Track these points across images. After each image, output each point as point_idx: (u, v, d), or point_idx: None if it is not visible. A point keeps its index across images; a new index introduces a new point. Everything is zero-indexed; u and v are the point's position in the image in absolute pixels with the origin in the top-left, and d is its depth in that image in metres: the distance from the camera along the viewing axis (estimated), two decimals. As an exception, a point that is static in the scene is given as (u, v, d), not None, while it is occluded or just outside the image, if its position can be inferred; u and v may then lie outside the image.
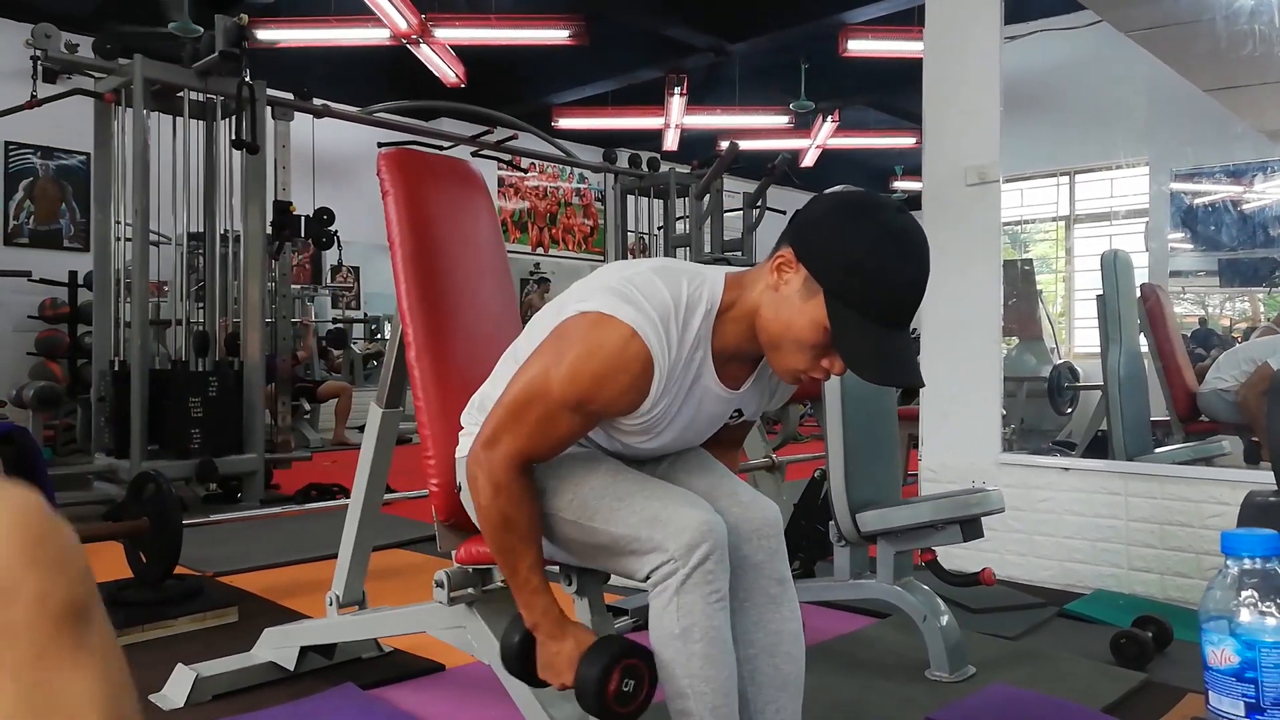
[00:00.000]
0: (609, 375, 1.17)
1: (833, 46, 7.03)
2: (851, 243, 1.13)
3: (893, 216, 1.15)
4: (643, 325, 1.16)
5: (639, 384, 1.18)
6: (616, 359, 1.16)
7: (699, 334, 1.21)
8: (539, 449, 1.24)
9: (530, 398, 1.21)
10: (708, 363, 1.24)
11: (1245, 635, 0.71)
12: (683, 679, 1.16)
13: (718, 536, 1.17)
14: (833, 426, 2.19)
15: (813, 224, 1.17)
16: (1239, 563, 0.74)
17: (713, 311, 1.22)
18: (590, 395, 1.18)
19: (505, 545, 1.25)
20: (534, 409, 1.21)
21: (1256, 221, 4.89)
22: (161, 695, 1.92)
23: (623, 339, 1.16)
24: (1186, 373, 3.84)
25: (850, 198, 1.18)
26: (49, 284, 6.21)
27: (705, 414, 1.31)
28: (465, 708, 1.90)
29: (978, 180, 3.05)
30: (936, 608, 2.07)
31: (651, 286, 1.19)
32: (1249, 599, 0.73)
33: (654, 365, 1.18)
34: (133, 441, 4.05)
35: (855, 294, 1.12)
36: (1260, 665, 0.69)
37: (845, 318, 1.12)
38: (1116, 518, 2.76)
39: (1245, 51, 3.46)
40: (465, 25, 6.67)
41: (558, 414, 1.20)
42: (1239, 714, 0.72)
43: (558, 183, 10.56)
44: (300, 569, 3.10)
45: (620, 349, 1.16)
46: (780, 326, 1.17)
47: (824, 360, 1.17)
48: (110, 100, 4.36)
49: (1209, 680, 0.76)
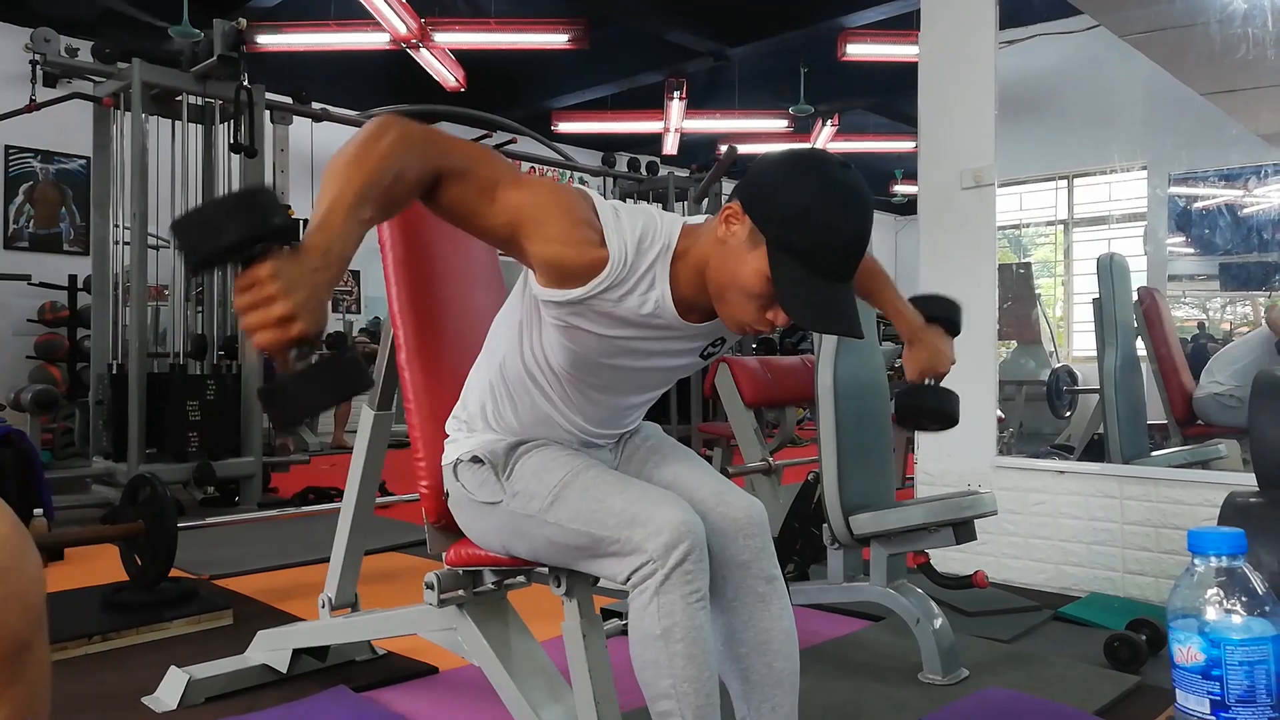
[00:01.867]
0: (563, 219, 1.15)
1: (832, 51, 7.04)
2: (794, 195, 1.15)
3: (836, 171, 1.16)
4: (612, 225, 1.19)
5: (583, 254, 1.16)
6: (580, 217, 1.17)
7: (654, 267, 1.22)
8: (455, 188, 1.13)
9: (498, 164, 1.16)
10: (667, 302, 1.23)
11: (1211, 633, 0.72)
12: (665, 680, 1.16)
13: (696, 536, 1.17)
14: (826, 429, 2.19)
15: (759, 177, 1.19)
16: (1205, 561, 0.75)
17: (668, 251, 1.23)
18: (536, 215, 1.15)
19: (357, 160, 1.03)
20: (492, 170, 1.15)
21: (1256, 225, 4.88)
22: (154, 698, 1.93)
23: (592, 217, 1.19)
24: (1183, 376, 3.84)
25: (796, 153, 1.20)
26: (49, 288, 6.23)
27: (669, 348, 1.30)
28: (458, 710, 1.90)
29: (974, 183, 3.05)
30: (930, 611, 2.07)
31: (614, 208, 1.22)
32: (1215, 597, 0.73)
33: (607, 256, 1.17)
34: (130, 444, 4.06)
35: (796, 244, 1.14)
36: (1225, 663, 0.70)
37: (786, 268, 1.14)
38: (1112, 521, 2.76)
39: (1239, 55, 3.46)
40: (465, 29, 6.69)
41: (500, 197, 1.14)
42: (1205, 711, 0.72)
43: (558, 186, 10.57)
44: (296, 572, 3.10)
45: (588, 218, 1.18)
46: (726, 276, 1.19)
47: (768, 311, 1.19)
48: (109, 104, 4.38)
49: (1176, 678, 0.76)
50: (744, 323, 1.21)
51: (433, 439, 1.53)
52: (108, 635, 2.29)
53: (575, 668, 1.36)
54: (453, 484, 1.42)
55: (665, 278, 1.22)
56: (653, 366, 1.32)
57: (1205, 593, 0.75)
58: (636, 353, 1.28)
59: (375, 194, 1.03)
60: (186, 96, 4.36)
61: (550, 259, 1.16)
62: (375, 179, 1.03)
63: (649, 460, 1.44)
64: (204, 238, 0.94)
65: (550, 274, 1.18)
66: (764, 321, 1.20)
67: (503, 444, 1.37)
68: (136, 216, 4.21)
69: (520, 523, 1.31)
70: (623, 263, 1.18)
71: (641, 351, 1.28)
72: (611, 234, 1.18)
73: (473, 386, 1.44)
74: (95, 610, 2.46)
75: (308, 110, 5.20)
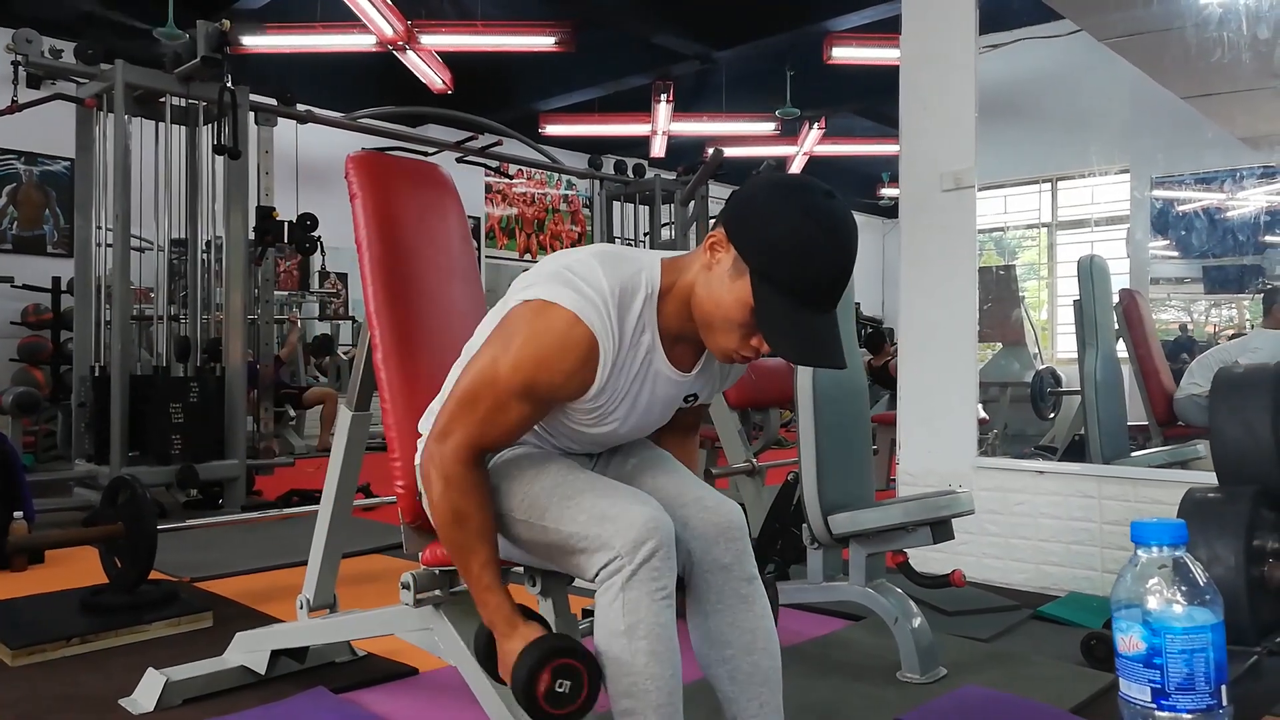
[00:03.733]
0: (554, 359, 1.18)
1: (818, 54, 7.06)
2: (776, 223, 1.15)
3: (820, 200, 1.16)
4: (584, 309, 1.18)
5: (585, 366, 1.20)
6: (561, 343, 1.18)
7: (642, 317, 1.23)
8: (490, 438, 1.25)
9: (479, 387, 1.23)
10: (657, 347, 1.25)
11: (1153, 622, 0.73)
12: (627, 677, 1.16)
13: (664, 534, 1.18)
14: (805, 430, 2.20)
15: (743, 205, 1.19)
16: (1148, 551, 0.76)
17: (653, 295, 1.24)
18: (537, 380, 1.20)
19: (458, 541, 1.24)
20: (483, 399, 1.22)
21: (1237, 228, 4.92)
22: (131, 700, 1.92)
23: (566, 324, 1.18)
24: (1164, 377, 3.87)
25: (780, 181, 1.20)
26: (32, 290, 6.19)
27: (660, 397, 1.31)
28: (437, 712, 1.90)
29: (954, 185, 3.07)
30: (908, 610, 2.08)
31: (592, 272, 1.21)
32: (1157, 586, 0.74)
33: (598, 347, 1.19)
34: (113, 447, 4.04)
35: (778, 274, 1.14)
36: (1166, 651, 0.71)
37: (768, 297, 1.15)
38: (1090, 520, 2.78)
39: (1215, 58, 3.50)
40: (452, 32, 6.68)
41: (507, 402, 1.21)
42: (1146, 699, 0.73)
43: (545, 189, 10.58)
44: (278, 574, 3.09)
45: (564, 334, 1.18)
46: (711, 305, 1.20)
47: (752, 339, 1.20)
48: (92, 105, 4.35)
49: (1120, 667, 0.77)
50: (729, 350, 1.22)
51: (409, 439, 1.53)
52: (86, 637, 2.28)
53: (550, 667, 1.36)
54: (426, 483, 1.42)
55: (654, 321, 1.24)
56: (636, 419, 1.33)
57: (1148, 583, 0.76)
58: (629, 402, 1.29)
59: (471, 548, 1.24)
60: (170, 98, 4.34)
61: (569, 394, 1.23)
62: (457, 546, 1.25)
63: (628, 464, 1.45)
64: None
65: (573, 398, 1.25)
66: (749, 349, 1.20)
67: (477, 443, 1.38)
68: (119, 218, 4.18)
69: (492, 521, 1.32)
70: (611, 336, 1.20)
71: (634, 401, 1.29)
72: (591, 321, 1.18)
73: (448, 384, 1.44)
74: (74, 613, 2.45)
75: (292, 112, 5.19)
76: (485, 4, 6.65)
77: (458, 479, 1.23)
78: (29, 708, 1.92)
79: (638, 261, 1.25)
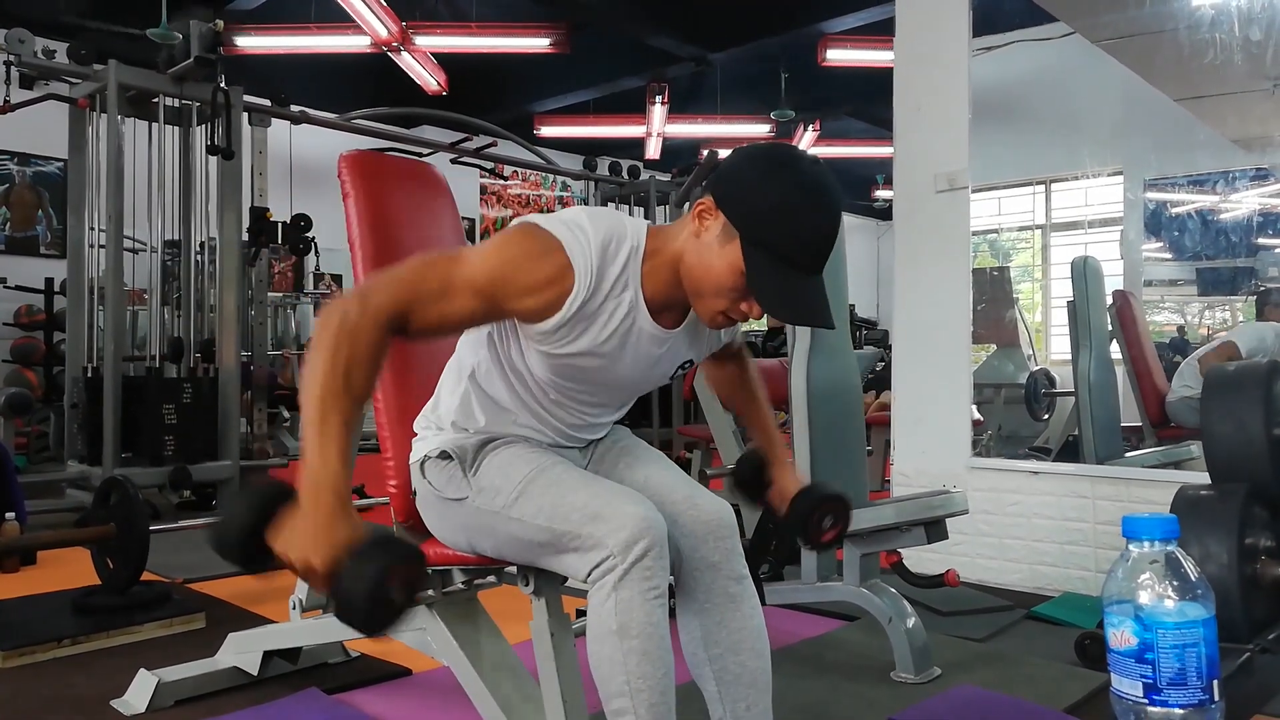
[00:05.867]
0: (526, 267, 1.17)
1: (812, 56, 7.07)
2: (766, 190, 1.17)
3: (807, 167, 1.19)
4: (569, 242, 1.19)
5: (552, 287, 1.18)
6: (538, 257, 1.18)
7: (626, 271, 1.23)
8: (418, 316, 1.15)
9: (433, 268, 1.17)
10: (640, 305, 1.25)
11: (1144, 617, 0.73)
12: (619, 677, 1.16)
13: (657, 533, 1.17)
14: (799, 429, 2.20)
15: (732, 173, 1.21)
16: (1139, 546, 0.77)
17: (638, 252, 1.24)
18: (501, 278, 1.17)
19: (329, 390, 1.07)
20: (433, 278, 1.16)
21: (1230, 230, 4.94)
22: (123, 701, 1.91)
23: (548, 246, 1.19)
24: (1157, 378, 3.88)
25: (767, 149, 1.22)
26: (25, 291, 6.17)
27: (644, 355, 1.31)
28: (430, 712, 1.90)
29: (947, 186, 3.08)
30: (902, 610, 2.08)
31: (580, 221, 1.22)
32: (1148, 581, 0.75)
33: (573, 277, 1.19)
34: (105, 448, 4.02)
35: (768, 238, 1.16)
36: (1158, 646, 0.72)
37: (759, 261, 1.17)
38: (1084, 521, 2.79)
39: (1207, 60, 3.51)
40: (446, 33, 6.67)
41: (460, 289, 1.16)
42: (1138, 695, 0.74)
43: (540, 191, 10.58)
44: (271, 575, 3.08)
45: (543, 252, 1.18)
46: (701, 270, 1.21)
47: (742, 304, 1.21)
48: (85, 106, 4.34)
49: (1112, 663, 0.78)
50: (719, 314, 1.23)
51: (401, 439, 1.53)
52: (78, 639, 2.27)
53: (543, 667, 1.36)
54: (420, 482, 1.42)
55: (637, 279, 1.24)
56: (624, 378, 1.33)
57: (1139, 577, 0.77)
58: (614, 359, 1.28)
59: (339, 405, 1.07)
60: (163, 98, 4.34)
61: (528, 309, 1.20)
62: (328, 392, 1.07)
63: (620, 462, 1.45)
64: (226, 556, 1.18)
65: (531, 317, 1.22)
66: (739, 312, 1.22)
67: (472, 441, 1.38)
68: (112, 219, 4.17)
69: (485, 519, 1.31)
70: (589, 274, 1.19)
71: (618, 358, 1.29)
72: (574, 252, 1.19)
73: (446, 387, 1.44)
74: (66, 614, 2.44)
75: (286, 113, 5.18)
76: (480, 5, 6.65)
77: (365, 337, 1.10)
78: (20, 709, 1.91)
79: (625, 223, 1.27)
